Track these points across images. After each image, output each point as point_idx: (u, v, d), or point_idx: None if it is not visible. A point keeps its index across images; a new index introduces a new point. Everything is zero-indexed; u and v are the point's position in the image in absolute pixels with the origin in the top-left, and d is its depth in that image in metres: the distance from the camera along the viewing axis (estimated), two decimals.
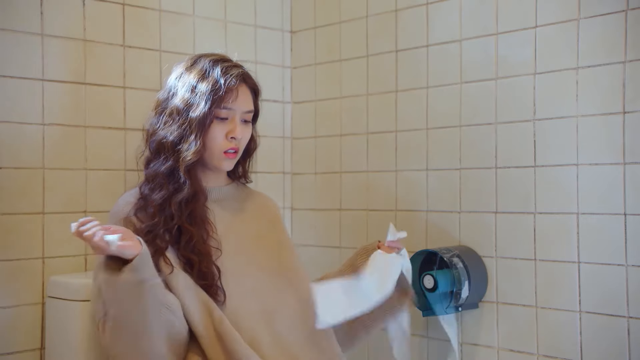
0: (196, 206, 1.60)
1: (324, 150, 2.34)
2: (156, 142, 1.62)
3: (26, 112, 1.81)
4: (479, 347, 1.94)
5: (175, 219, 1.56)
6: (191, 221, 1.58)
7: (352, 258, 1.79)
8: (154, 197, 1.57)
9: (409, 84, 2.10)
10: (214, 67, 1.62)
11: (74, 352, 1.69)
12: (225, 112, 1.62)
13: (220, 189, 1.72)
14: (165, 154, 1.60)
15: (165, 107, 1.63)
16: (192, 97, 1.60)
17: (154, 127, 1.64)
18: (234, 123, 1.63)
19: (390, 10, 2.14)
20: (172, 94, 1.64)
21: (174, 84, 1.65)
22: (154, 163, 1.61)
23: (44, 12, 1.84)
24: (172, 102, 1.62)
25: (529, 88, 1.83)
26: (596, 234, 1.72)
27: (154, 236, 1.53)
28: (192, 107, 1.59)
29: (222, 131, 1.62)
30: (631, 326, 1.67)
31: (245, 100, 1.65)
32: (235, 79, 1.61)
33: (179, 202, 1.57)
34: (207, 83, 1.60)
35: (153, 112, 1.67)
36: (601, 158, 1.71)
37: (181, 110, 1.60)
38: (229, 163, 1.67)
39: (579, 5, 1.75)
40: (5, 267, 1.77)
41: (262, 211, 1.78)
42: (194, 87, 1.61)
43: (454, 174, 1.99)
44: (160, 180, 1.59)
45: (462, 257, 1.88)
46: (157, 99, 1.68)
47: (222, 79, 1.60)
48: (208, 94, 1.59)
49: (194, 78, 1.62)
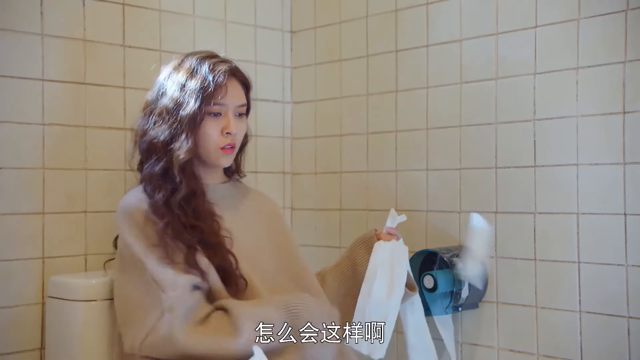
0: (198, 202, 1.60)
1: (324, 150, 2.34)
2: (147, 143, 1.62)
3: (26, 112, 1.81)
4: (479, 347, 1.94)
5: (183, 218, 1.56)
6: (197, 216, 1.58)
7: (349, 250, 1.77)
8: (157, 197, 1.57)
9: (409, 84, 2.10)
10: (201, 64, 1.62)
11: (74, 352, 1.69)
12: (217, 107, 1.61)
13: (217, 186, 1.72)
14: (157, 154, 1.60)
15: (155, 107, 1.63)
16: (181, 96, 1.59)
17: (143, 127, 1.64)
18: (228, 118, 1.63)
19: (390, 10, 2.14)
20: (161, 93, 1.63)
21: (162, 84, 1.65)
22: (147, 164, 1.61)
23: (44, 12, 1.84)
24: (161, 101, 1.62)
25: (529, 88, 1.83)
26: (596, 234, 1.72)
27: (177, 232, 1.53)
28: (182, 106, 1.58)
29: (216, 127, 1.62)
30: (631, 326, 1.67)
31: (235, 94, 1.65)
32: (224, 74, 1.61)
33: (179, 201, 1.57)
34: (196, 80, 1.59)
35: (142, 113, 1.67)
36: (601, 158, 1.71)
37: (171, 109, 1.60)
38: (227, 159, 1.67)
39: (579, 5, 1.75)
40: (5, 267, 1.77)
41: (260, 208, 1.79)
42: (183, 86, 1.60)
43: (454, 174, 1.99)
44: (157, 182, 1.59)
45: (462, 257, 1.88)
46: (146, 99, 1.68)
47: (211, 76, 1.60)
48: (197, 91, 1.58)
49: (183, 76, 1.61)
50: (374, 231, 1.75)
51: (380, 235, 1.73)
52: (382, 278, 1.63)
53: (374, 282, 1.64)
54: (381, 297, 1.62)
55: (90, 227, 1.91)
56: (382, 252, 1.67)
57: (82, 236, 1.90)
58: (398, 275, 1.65)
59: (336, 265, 1.76)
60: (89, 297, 1.69)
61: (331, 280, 1.75)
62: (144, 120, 1.65)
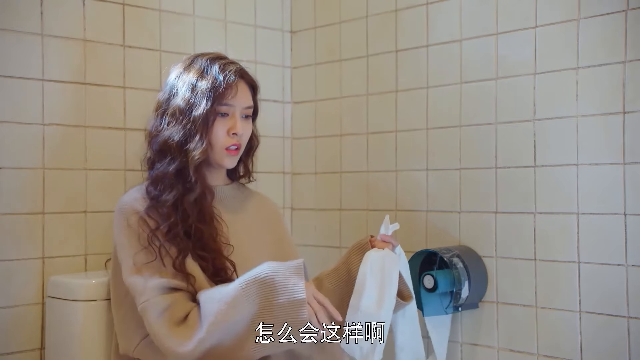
0: (204, 204, 1.60)
1: (324, 150, 2.34)
2: (160, 143, 1.62)
3: (26, 112, 1.81)
4: (479, 347, 1.94)
5: (190, 218, 1.56)
6: (201, 219, 1.59)
7: (346, 255, 1.77)
8: (166, 197, 1.57)
9: (409, 84, 2.10)
10: (211, 65, 1.63)
11: (74, 352, 1.69)
12: (225, 108, 1.62)
13: (220, 187, 1.72)
14: (172, 155, 1.60)
15: (167, 108, 1.63)
16: (193, 96, 1.60)
17: (157, 128, 1.64)
18: (235, 119, 1.64)
19: (390, 10, 2.14)
20: (172, 94, 1.64)
21: (173, 84, 1.65)
22: (160, 164, 1.61)
23: (44, 12, 1.84)
24: (173, 102, 1.62)
25: (529, 88, 1.83)
26: (596, 234, 1.72)
27: (174, 235, 1.54)
28: (194, 106, 1.59)
29: (223, 128, 1.62)
30: (631, 326, 1.67)
31: (244, 96, 1.66)
32: (234, 74, 1.62)
33: (192, 201, 1.58)
34: (207, 81, 1.60)
35: (154, 114, 1.67)
36: (601, 158, 1.71)
37: (183, 109, 1.60)
38: (231, 160, 1.67)
39: (579, 5, 1.75)
40: (5, 267, 1.77)
41: (261, 211, 1.79)
42: (194, 86, 1.61)
43: (454, 174, 1.99)
44: (170, 181, 1.58)
45: (462, 257, 1.88)
46: (158, 100, 1.68)
47: (221, 76, 1.61)
48: (208, 91, 1.59)
49: (193, 77, 1.62)
50: (369, 237, 1.73)
51: (374, 242, 1.69)
52: (371, 290, 1.58)
53: (362, 294, 1.58)
54: (370, 311, 1.57)
55: (90, 227, 1.91)
56: (372, 263, 1.61)
57: (82, 236, 1.90)
58: (388, 287, 1.59)
59: (334, 269, 1.76)
60: (89, 297, 1.69)
61: (328, 284, 1.74)
62: (157, 120, 1.65)
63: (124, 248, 1.56)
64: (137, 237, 1.54)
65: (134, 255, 1.53)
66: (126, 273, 1.54)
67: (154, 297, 1.48)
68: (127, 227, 1.56)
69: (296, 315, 1.41)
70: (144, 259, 1.52)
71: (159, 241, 1.53)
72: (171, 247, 1.53)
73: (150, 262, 1.52)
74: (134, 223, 1.55)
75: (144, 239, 1.53)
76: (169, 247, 1.53)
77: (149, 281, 1.50)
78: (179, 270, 1.51)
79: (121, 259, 1.57)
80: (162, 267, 1.51)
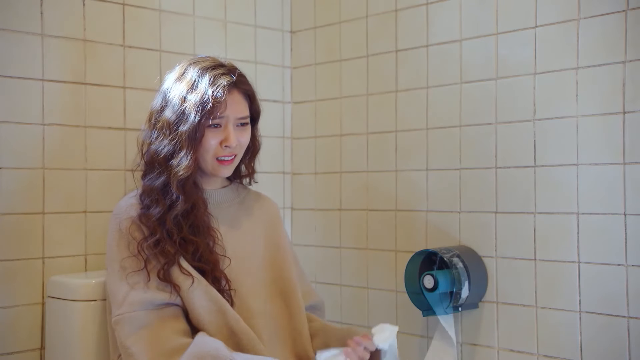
0: (197, 216, 1.59)
1: (324, 150, 2.34)
2: (149, 156, 1.61)
3: (26, 112, 1.81)
4: (479, 347, 1.94)
5: (175, 235, 1.55)
6: (194, 231, 1.58)
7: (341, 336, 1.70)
8: (153, 212, 1.56)
9: (409, 84, 2.10)
10: (202, 76, 1.58)
11: (74, 352, 1.69)
12: (217, 120, 1.59)
13: (216, 191, 1.71)
14: (159, 169, 1.58)
15: (158, 119, 1.61)
16: (181, 110, 1.57)
17: (147, 140, 1.63)
18: (227, 130, 1.60)
19: (390, 10, 2.14)
20: (163, 105, 1.61)
21: (165, 94, 1.62)
22: (149, 177, 1.60)
23: (44, 12, 1.84)
24: (164, 114, 1.60)
25: (529, 88, 1.84)
26: (596, 234, 1.72)
27: (161, 250, 1.54)
28: (182, 120, 1.56)
29: (215, 139, 1.60)
30: (631, 326, 1.67)
31: (236, 108, 1.62)
32: (223, 90, 1.57)
33: (175, 217, 1.56)
34: (196, 94, 1.56)
35: (146, 125, 1.65)
36: (601, 158, 1.71)
37: (172, 123, 1.58)
38: (226, 169, 1.65)
39: (579, 5, 1.75)
40: (5, 267, 1.77)
41: (259, 214, 1.78)
42: (184, 99, 1.57)
43: (454, 174, 1.99)
44: (156, 196, 1.57)
45: (462, 257, 1.88)
46: (150, 110, 1.66)
47: (210, 91, 1.56)
48: (197, 106, 1.55)
49: (184, 88, 1.59)
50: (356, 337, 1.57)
51: (349, 344, 1.54)
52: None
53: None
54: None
55: (90, 227, 1.91)
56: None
57: (82, 236, 1.90)
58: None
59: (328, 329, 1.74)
60: (89, 297, 1.69)
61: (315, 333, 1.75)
62: (148, 132, 1.64)
63: (112, 252, 1.56)
64: (127, 243, 1.55)
65: (121, 260, 1.54)
66: (110, 277, 1.55)
67: (132, 312, 1.49)
68: (118, 231, 1.57)
69: None
70: (130, 267, 1.52)
71: (145, 253, 1.53)
72: (158, 259, 1.52)
73: (136, 272, 1.52)
74: (125, 228, 1.56)
75: (133, 247, 1.53)
76: (155, 260, 1.53)
77: (130, 294, 1.50)
78: (162, 280, 1.51)
79: (108, 263, 1.57)
80: (147, 279, 1.51)
